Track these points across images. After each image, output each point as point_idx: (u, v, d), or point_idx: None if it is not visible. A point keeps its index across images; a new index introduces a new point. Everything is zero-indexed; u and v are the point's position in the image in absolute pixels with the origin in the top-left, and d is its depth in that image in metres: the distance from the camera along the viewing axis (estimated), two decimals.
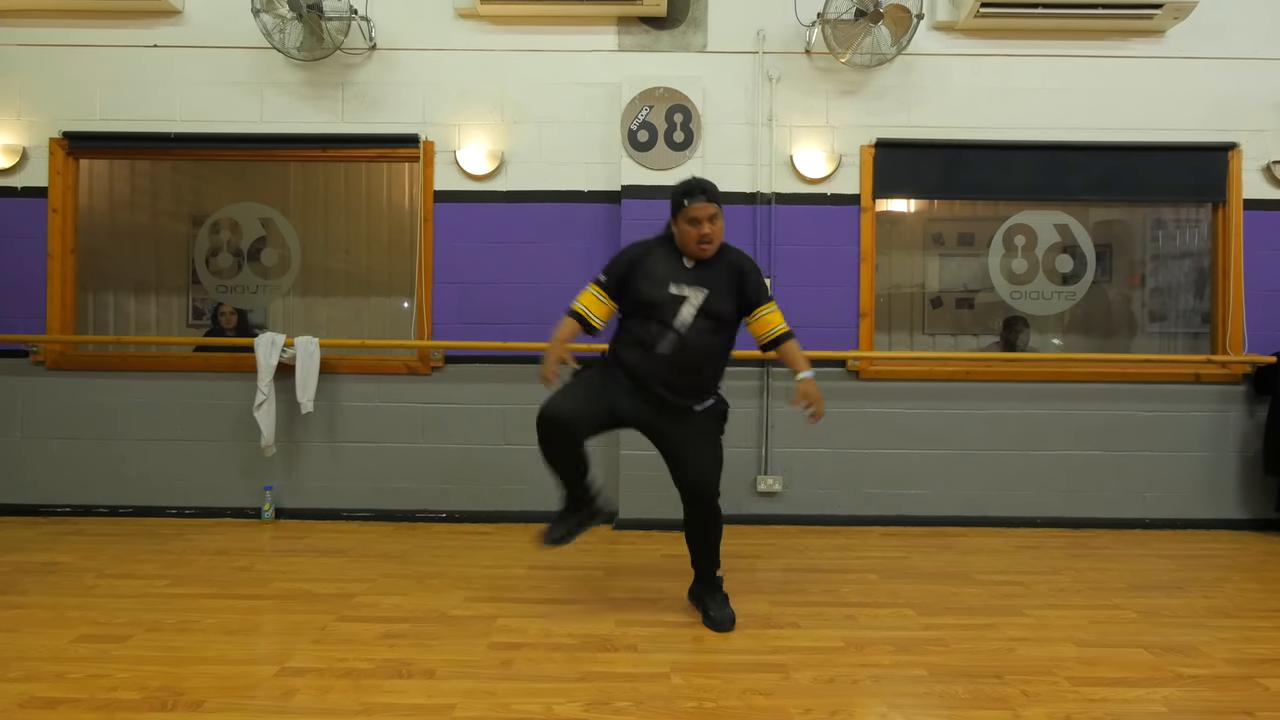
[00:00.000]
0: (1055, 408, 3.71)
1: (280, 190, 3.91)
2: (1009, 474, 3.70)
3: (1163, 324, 4.41)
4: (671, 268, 2.33)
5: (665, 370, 2.29)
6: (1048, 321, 4.35)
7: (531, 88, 3.72)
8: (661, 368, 2.29)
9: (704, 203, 2.26)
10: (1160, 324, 4.42)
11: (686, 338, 2.27)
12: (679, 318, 2.28)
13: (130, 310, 4.45)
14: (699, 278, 2.31)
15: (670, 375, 2.29)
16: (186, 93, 3.72)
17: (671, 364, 2.28)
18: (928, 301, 4.95)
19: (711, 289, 2.30)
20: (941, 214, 4.86)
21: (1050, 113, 3.72)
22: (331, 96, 3.74)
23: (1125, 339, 4.57)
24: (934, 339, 4.93)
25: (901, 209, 4.82)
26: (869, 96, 3.73)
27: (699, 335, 2.29)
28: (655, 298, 2.30)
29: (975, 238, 4.79)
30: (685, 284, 2.30)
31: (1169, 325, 4.36)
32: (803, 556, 3.19)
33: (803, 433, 3.69)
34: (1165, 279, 4.36)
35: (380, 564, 3.00)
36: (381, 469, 3.72)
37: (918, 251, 4.91)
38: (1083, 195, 3.76)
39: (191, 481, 3.73)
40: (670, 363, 2.28)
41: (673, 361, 2.28)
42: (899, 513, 3.70)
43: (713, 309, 2.29)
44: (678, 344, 2.27)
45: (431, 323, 3.74)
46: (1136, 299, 4.59)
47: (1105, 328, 4.36)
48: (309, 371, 3.59)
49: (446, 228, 3.74)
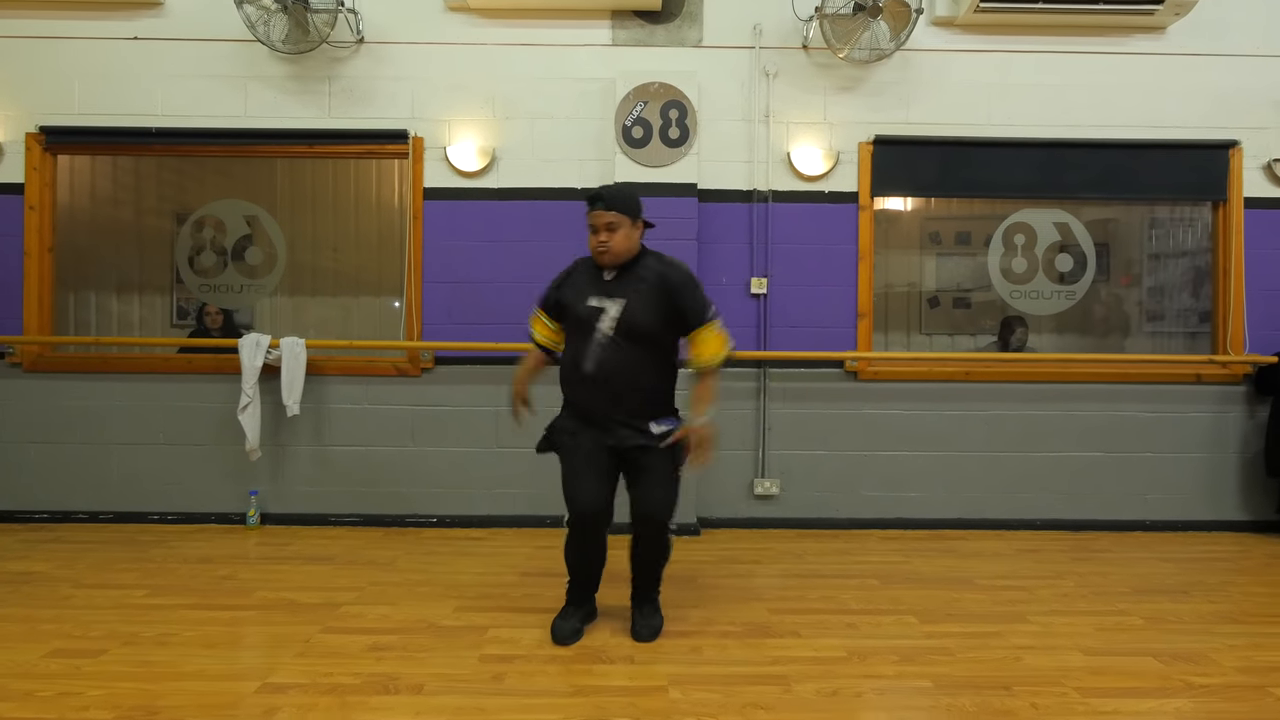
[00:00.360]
0: (1055, 409, 3.66)
1: (266, 187, 3.81)
2: (1009, 476, 3.65)
3: (1160, 323, 4.38)
4: (591, 280, 2.26)
5: (594, 390, 2.19)
6: (1047, 321, 4.31)
7: (523, 83, 3.63)
8: (590, 388, 2.19)
9: (600, 210, 2.19)
10: (1158, 323, 4.39)
11: (605, 353, 2.17)
12: (600, 332, 2.18)
13: (113, 310, 4.35)
14: (616, 289, 2.21)
15: (599, 395, 2.18)
16: (168, 86, 3.62)
17: (596, 382, 2.18)
18: (924, 301, 4.91)
19: (629, 300, 2.19)
20: (938, 213, 4.81)
21: (1050, 109, 3.67)
22: (318, 91, 3.64)
23: (1124, 338, 4.54)
24: (931, 339, 4.89)
25: (898, 208, 4.77)
26: (867, 93, 3.67)
27: (618, 350, 2.17)
28: (577, 311, 2.23)
29: (972, 236, 4.75)
30: (603, 295, 2.21)
31: (1167, 325, 4.33)
32: (801, 561, 3.13)
33: (800, 435, 3.63)
34: (1163, 278, 4.32)
35: (368, 571, 2.92)
36: (370, 473, 3.63)
37: (914, 251, 4.87)
38: (1083, 193, 3.71)
39: (174, 487, 3.63)
40: (595, 381, 2.18)
41: (597, 379, 2.17)
42: (898, 515, 3.65)
43: (631, 321, 2.17)
44: (600, 358, 2.17)
45: (421, 323, 3.65)
46: (1134, 298, 4.56)
47: (1104, 327, 4.32)
48: (295, 373, 3.50)
49: (436, 226, 3.65)
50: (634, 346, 2.18)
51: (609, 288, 2.22)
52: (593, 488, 2.19)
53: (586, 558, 2.27)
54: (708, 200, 3.60)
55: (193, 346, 3.85)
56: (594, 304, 2.21)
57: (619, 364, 2.17)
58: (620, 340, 2.17)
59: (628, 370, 2.18)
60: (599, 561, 2.30)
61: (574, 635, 2.25)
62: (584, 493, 2.19)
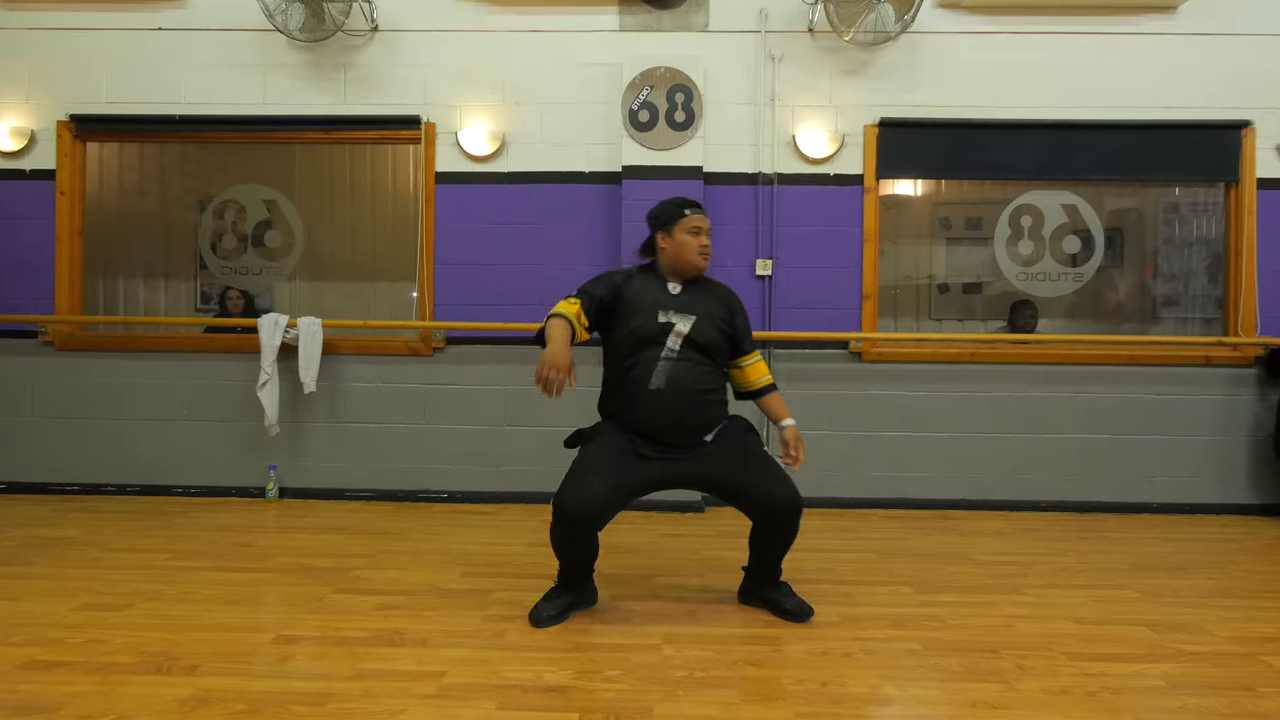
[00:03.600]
0: (1062, 390, 3.66)
1: (284, 173, 3.93)
2: (1014, 457, 3.66)
3: (1173, 309, 4.33)
4: (657, 294, 2.23)
5: (660, 408, 2.15)
6: (1057, 306, 4.29)
7: (532, 68, 3.70)
8: (656, 406, 2.14)
9: (703, 214, 2.26)
10: (1171, 309, 4.35)
11: (676, 368, 2.15)
12: (666, 348, 2.16)
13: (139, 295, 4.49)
14: (686, 304, 2.21)
15: (667, 413, 2.15)
16: (191, 75, 3.75)
17: (665, 400, 2.14)
18: (934, 287, 4.90)
19: (699, 316, 2.20)
20: (949, 197, 4.79)
21: (1059, 91, 3.66)
22: (334, 78, 3.74)
23: (1134, 323, 4.50)
24: (940, 324, 4.87)
25: (908, 193, 4.77)
26: (873, 75, 3.69)
27: (689, 367, 2.16)
28: (645, 328, 2.18)
29: (983, 222, 4.72)
30: (672, 310, 2.20)
31: (1180, 310, 4.29)
32: (802, 538, 3.11)
33: (804, 414, 3.64)
34: (1176, 264, 4.28)
35: (380, 540, 3.02)
36: (383, 449, 3.73)
37: (924, 237, 4.85)
38: (1092, 175, 3.70)
39: (197, 461, 3.76)
40: (664, 399, 2.14)
41: (666, 394, 2.14)
42: (902, 495, 3.67)
43: (700, 338, 2.18)
44: (670, 373, 2.15)
45: (433, 304, 3.74)
46: (1146, 283, 4.51)
47: (1115, 312, 4.29)
48: (312, 351, 3.61)
49: (448, 209, 3.74)
50: (702, 361, 2.18)
51: (677, 302, 2.22)
52: (600, 490, 2.05)
53: (576, 554, 2.15)
54: (713, 183, 3.65)
55: (215, 326, 3.98)
56: (663, 319, 2.18)
57: (691, 379, 2.16)
58: (690, 355, 2.16)
59: (697, 387, 2.17)
60: (591, 555, 2.19)
61: (551, 620, 2.14)
62: (589, 492, 2.04)
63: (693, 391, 2.17)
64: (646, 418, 2.17)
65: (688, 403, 2.16)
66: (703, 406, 2.19)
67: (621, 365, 2.21)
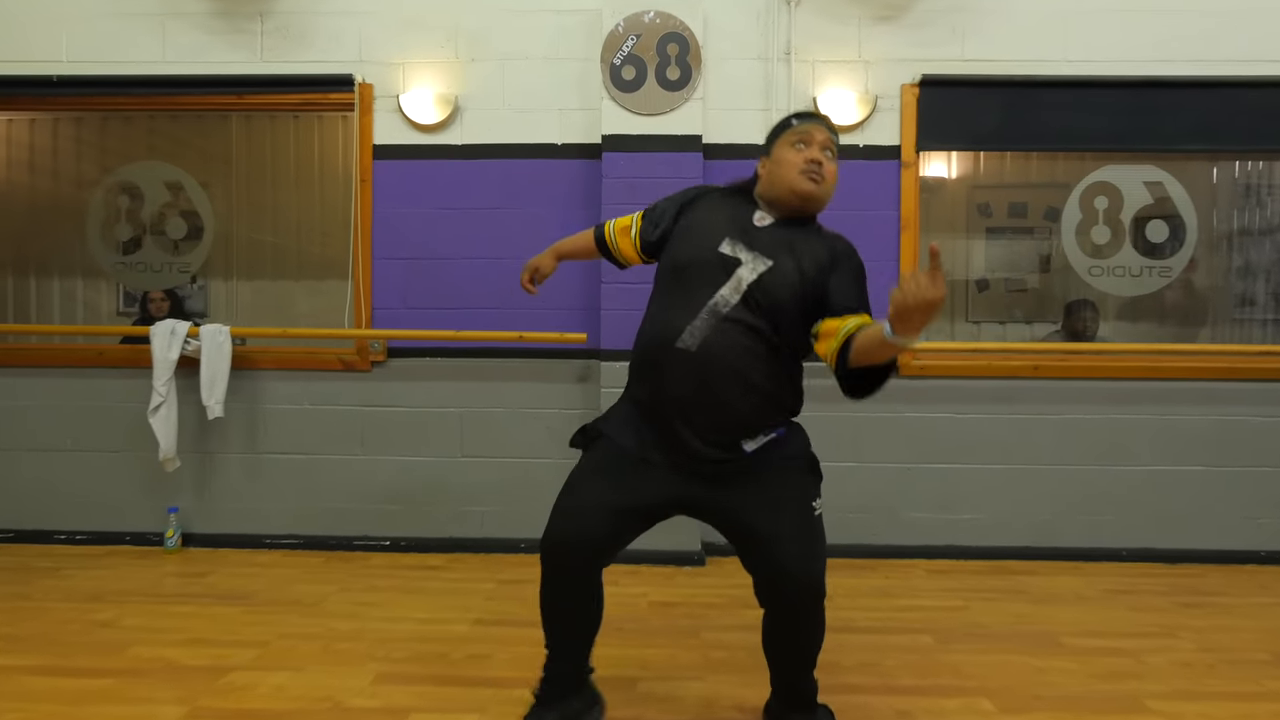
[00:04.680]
0: (1145, 411, 2.98)
1: (189, 147, 3.24)
2: (1087, 494, 2.98)
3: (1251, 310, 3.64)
4: (735, 218, 1.56)
5: (683, 380, 1.47)
6: (1131, 304, 3.57)
7: (492, 16, 3.01)
8: (678, 376, 1.48)
9: (821, 125, 1.57)
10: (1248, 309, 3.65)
11: (720, 330, 1.46)
12: (719, 294, 1.48)
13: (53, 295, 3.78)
14: (770, 244, 1.51)
15: (691, 389, 1.47)
16: (74, 27, 3.05)
17: (693, 369, 1.46)
18: (972, 283, 4.22)
19: (778, 261, 1.49)
20: (989, 180, 4.12)
21: (1141, 41, 2.96)
22: (248, 30, 3.05)
23: (1213, 327, 3.80)
24: (979, 327, 4.20)
25: (941, 174, 4.09)
26: (912, 23, 3.00)
27: (740, 333, 1.47)
28: (695, 256, 1.53)
29: (1030, 208, 4.05)
30: (744, 246, 1.51)
31: (1258, 311, 3.59)
32: (831, 605, 2.44)
33: (827, 442, 2.96)
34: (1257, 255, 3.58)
35: (285, 617, 2.33)
36: (311, 486, 3.05)
37: (960, 225, 4.17)
38: (1183, 144, 3.01)
39: (85, 501, 3.08)
40: (691, 367, 1.46)
41: (696, 364, 1.46)
42: (950, 542, 2.99)
43: (770, 292, 1.47)
44: (706, 337, 1.46)
45: (371, 307, 3.05)
46: (1231, 278, 3.81)
47: (1191, 313, 3.58)
48: (217, 368, 2.92)
49: (388, 190, 3.05)
50: (761, 330, 1.47)
51: (759, 238, 1.52)
52: (591, 508, 1.50)
53: (562, 615, 1.57)
54: (715, 156, 2.96)
55: (98, 333, 3.27)
56: (725, 250, 1.51)
57: (739, 349, 1.47)
58: (745, 316, 1.47)
59: (744, 359, 1.47)
60: (585, 620, 1.59)
61: None
62: (575, 511, 1.51)
63: (736, 368, 1.47)
64: (663, 393, 1.51)
65: (725, 381, 1.47)
66: (747, 393, 1.48)
67: (651, 310, 1.59)
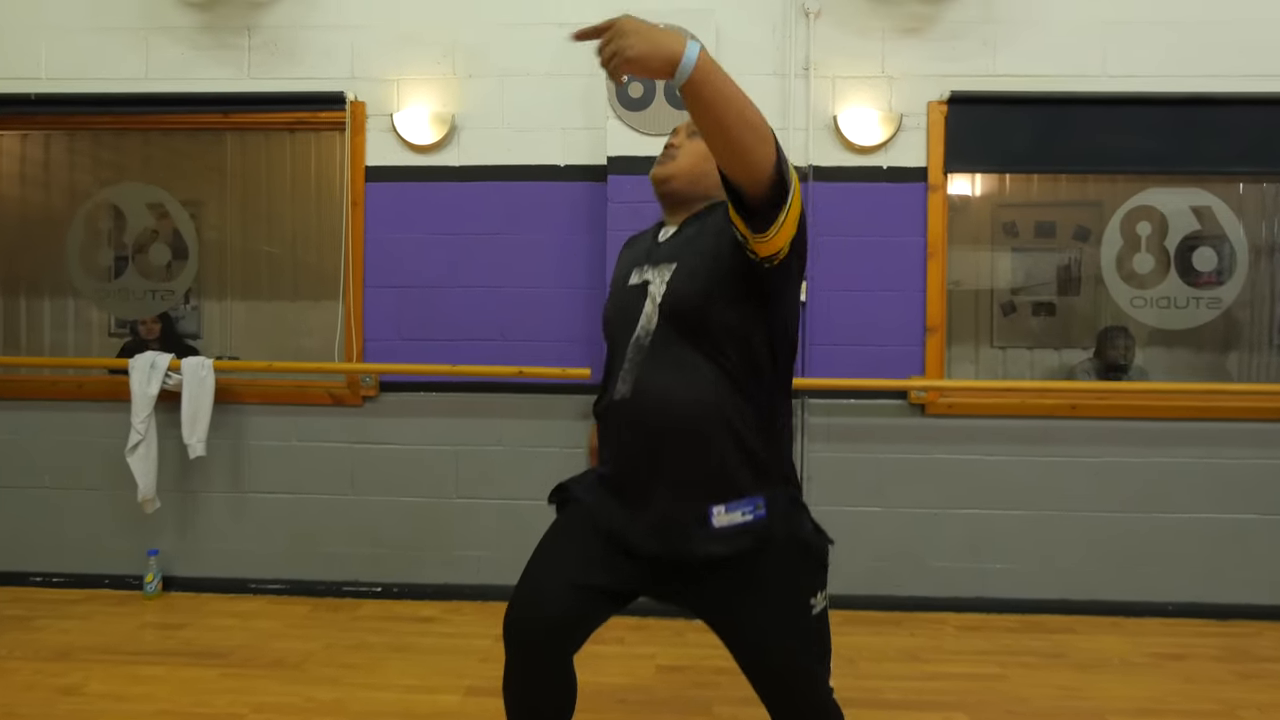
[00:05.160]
0: (1191, 454, 2.76)
1: (174, 168, 3.09)
2: (1127, 543, 2.76)
3: None
4: (642, 249, 1.38)
5: (623, 436, 1.27)
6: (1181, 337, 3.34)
7: (491, 30, 2.84)
8: (625, 429, 1.26)
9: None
10: None
11: (648, 355, 1.24)
12: (639, 326, 1.27)
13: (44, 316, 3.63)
14: (673, 249, 1.30)
15: (631, 445, 1.25)
16: (53, 42, 2.91)
17: (633, 423, 1.25)
18: (997, 306, 4.02)
19: (682, 260, 1.26)
20: (1015, 199, 3.91)
21: (1187, 55, 2.76)
22: (234, 45, 2.89)
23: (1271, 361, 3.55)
24: (1004, 353, 3.99)
25: (964, 192, 3.88)
26: (940, 36, 2.80)
27: (669, 357, 1.22)
28: (612, 304, 1.37)
29: (1058, 227, 3.85)
30: (650, 266, 1.31)
31: None
32: (853, 672, 2.28)
33: (848, 486, 2.79)
34: None
35: (262, 682, 2.16)
36: (299, 528, 2.88)
37: (985, 245, 3.96)
38: (1233, 166, 2.80)
39: (61, 542, 2.93)
40: (629, 420, 1.25)
41: (633, 415, 1.24)
42: (979, 594, 2.78)
43: (682, 287, 1.23)
44: (638, 369, 1.24)
45: (363, 339, 2.88)
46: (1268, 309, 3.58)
47: (1248, 345, 3.35)
48: (200, 404, 2.76)
49: (382, 214, 2.88)
50: (693, 337, 1.22)
51: (660, 251, 1.32)
52: (550, 585, 1.27)
53: (521, 700, 1.32)
54: None
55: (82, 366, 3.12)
56: (636, 280, 1.31)
57: (668, 375, 1.22)
58: (672, 331, 1.23)
59: (683, 387, 1.21)
60: (550, 708, 1.33)
61: None
62: (531, 590, 1.28)
63: (675, 401, 1.20)
64: (616, 461, 1.30)
65: (666, 421, 1.20)
66: (697, 431, 1.20)
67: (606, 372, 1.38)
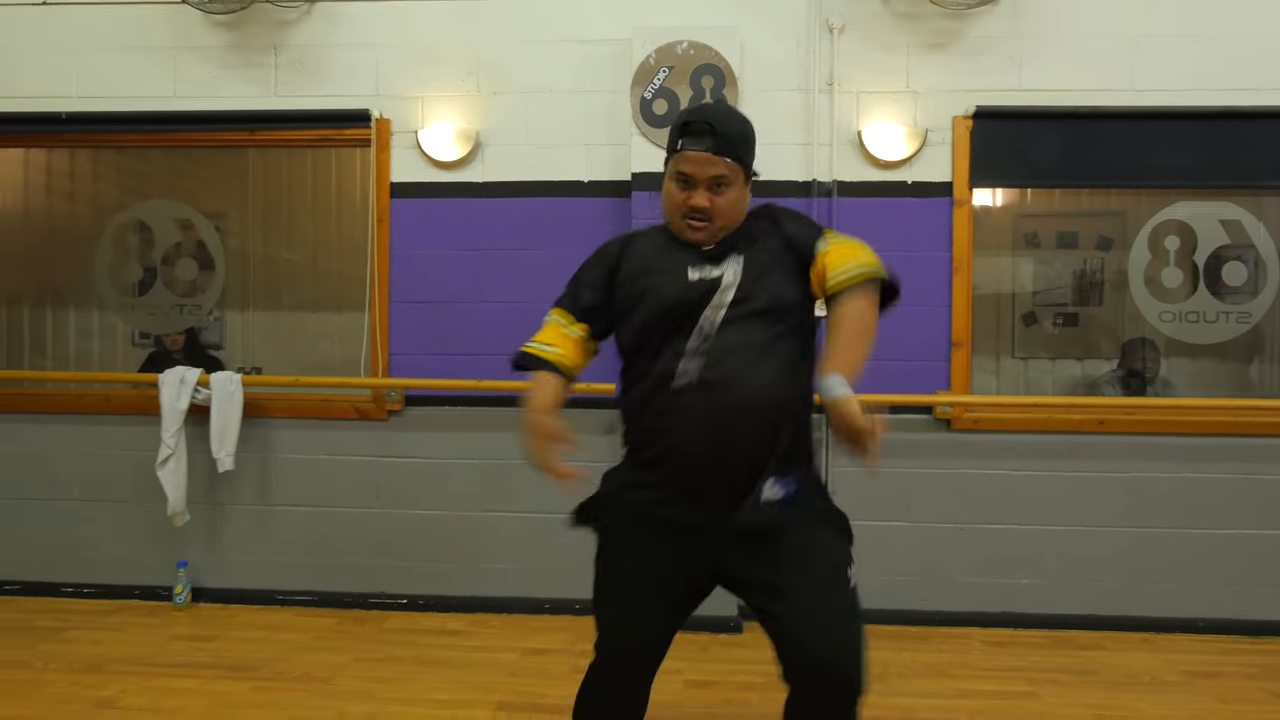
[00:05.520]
0: (1224, 470, 2.74)
1: (200, 184, 3.13)
2: (1159, 559, 2.74)
3: None
4: (673, 251, 1.40)
5: (694, 431, 1.30)
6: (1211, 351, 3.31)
7: (514, 47, 2.86)
8: (689, 417, 1.30)
9: (708, 151, 1.32)
10: None
11: (717, 345, 1.32)
12: (704, 318, 1.33)
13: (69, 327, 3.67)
14: (725, 252, 1.38)
15: (702, 428, 1.30)
16: (82, 62, 2.95)
17: (704, 409, 1.30)
18: (1018, 317, 4.00)
19: (749, 257, 1.37)
20: (1036, 209, 3.90)
21: (1215, 68, 2.74)
22: (261, 63, 2.93)
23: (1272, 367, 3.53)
24: (1026, 364, 3.97)
25: (986, 202, 3.87)
26: (965, 51, 2.80)
27: (743, 340, 1.32)
28: (667, 291, 1.36)
29: (1080, 236, 3.83)
30: (707, 263, 1.37)
31: None
32: (882, 688, 2.26)
33: (874, 500, 2.78)
34: None
35: (294, 695, 2.18)
36: (325, 540, 2.91)
37: (1006, 254, 3.95)
38: (1264, 180, 2.78)
39: (91, 553, 2.97)
40: (701, 407, 1.30)
41: (705, 402, 1.30)
42: (1007, 609, 2.77)
43: (758, 288, 1.35)
44: (706, 360, 1.31)
45: (388, 353, 2.91)
46: None
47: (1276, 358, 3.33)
48: (228, 419, 2.79)
49: (407, 230, 2.91)
50: (765, 333, 1.34)
51: (713, 252, 1.39)
52: (639, 612, 1.38)
53: (613, 711, 1.47)
54: (754, 194, 2.77)
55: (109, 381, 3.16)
56: (695, 276, 1.36)
57: (748, 367, 1.31)
58: (744, 324, 1.33)
59: (759, 374, 1.31)
60: (639, 698, 1.47)
61: None
62: (624, 617, 1.40)
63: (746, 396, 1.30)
64: (671, 448, 1.33)
65: (736, 419, 1.29)
66: (762, 429, 1.31)
67: (634, 376, 1.40)
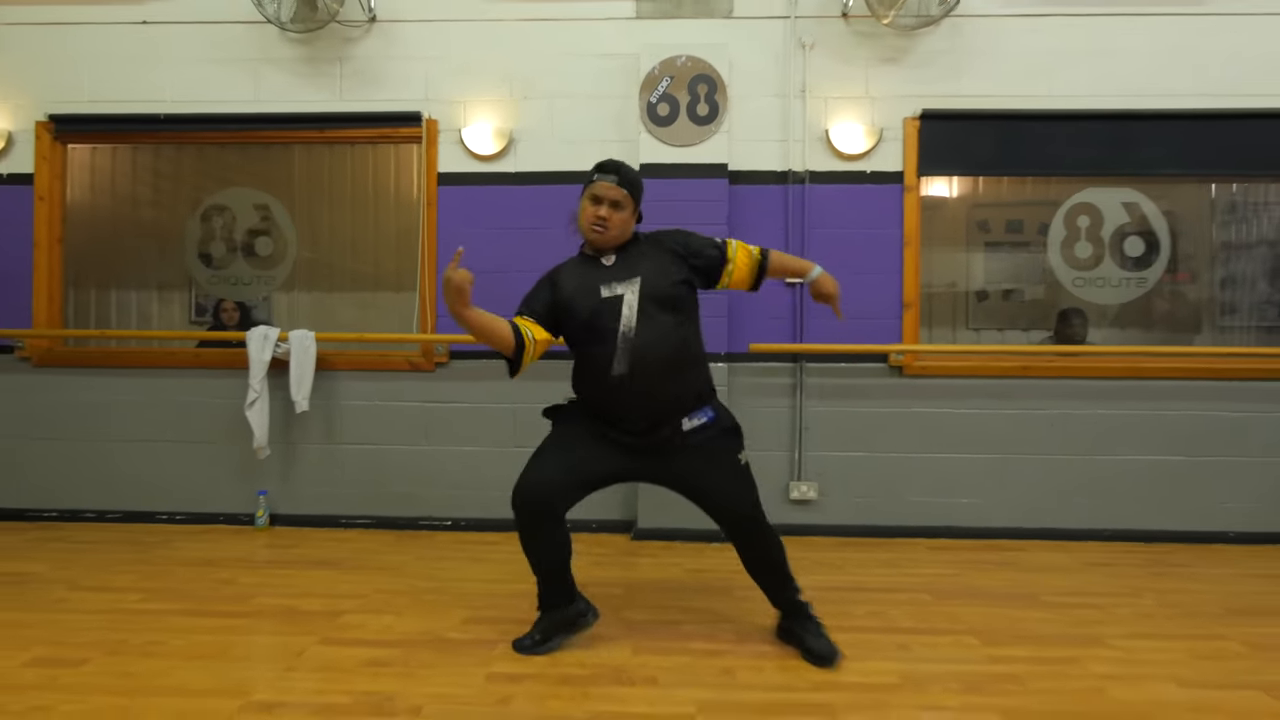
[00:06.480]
0: (1126, 408, 3.33)
1: (277, 175, 3.67)
2: (1073, 481, 3.32)
3: (1233, 316, 3.97)
4: (592, 272, 2.04)
5: (630, 395, 1.97)
6: (1107, 313, 3.94)
7: (542, 60, 3.43)
8: (625, 394, 1.97)
9: (611, 182, 2.00)
10: (1231, 316, 3.99)
11: (639, 342, 1.95)
12: (622, 322, 1.96)
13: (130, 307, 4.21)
14: (626, 269, 2.02)
15: (637, 399, 1.97)
16: (177, 71, 3.51)
17: (633, 383, 1.95)
18: (972, 294, 4.58)
19: (644, 274, 2.01)
20: (987, 199, 4.48)
21: (1119, 78, 3.34)
22: (329, 73, 3.49)
23: (1193, 333, 4.14)
24: (979, 334, 4.55)
25: (943, 194, 4.46)
26: (913, 64, 3.39)
27: (653, 332, 1.96)
28: (589, 307, 1.99)
29: (1025, 225, 4.41)
30: (614, 281, 2.01)
31: (1240, 318, 3.93)
32: (842, 572, 2.85)
33: (839, 435, 3.35)
34: (1237, 268, 3.92)
35: (375, 577, 2.73)
36: (382, 473, 3.45)
37: (960, 241, 4.53)
38: (1155, 170, 3.38)
39: (182, 486, 3.50)
40: (631, 383, 1.96)
41: (633, 379, 1.95)
42: (948, 523, 3.34)
43: (656, 293, 1.99)
44: (632, 354, 1.95)
45: (435, 315, 3.47)
46: (1205, 289, 4.15)
47: (1170, 321, 3.93)
48: (304, 368, 3.34)
49: (451, 212, 3.47)
50: (668, 324, 1.99)
51: (617, 272, 2.03)
52: (548, 472, 1.99)
53: (540, 551, 2.03)
54: (739, 182, 3.36)
55: (203, 340, 3.72)
56: (607, 294, 1.99)
57: (659, 350, 1.96)
58: (652, 321, 1.96)
59: (668, 354, 1.97)
60: (558, 554, 2.04)
61: (532, 647, 2.06)
62: (535, 473, 2.00)
63: (662, 369, 1.97)
64: (614, 408, 2.02)
65: (657, 378, 1.97)
66: (678, 376, 2.01)
67: (582, 364, 2.08)
